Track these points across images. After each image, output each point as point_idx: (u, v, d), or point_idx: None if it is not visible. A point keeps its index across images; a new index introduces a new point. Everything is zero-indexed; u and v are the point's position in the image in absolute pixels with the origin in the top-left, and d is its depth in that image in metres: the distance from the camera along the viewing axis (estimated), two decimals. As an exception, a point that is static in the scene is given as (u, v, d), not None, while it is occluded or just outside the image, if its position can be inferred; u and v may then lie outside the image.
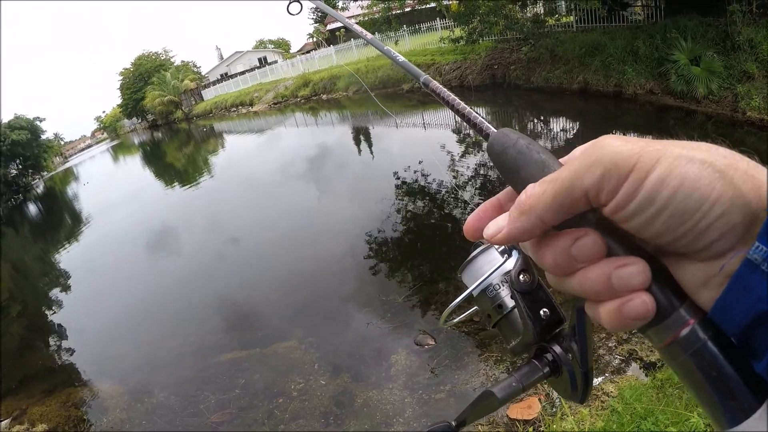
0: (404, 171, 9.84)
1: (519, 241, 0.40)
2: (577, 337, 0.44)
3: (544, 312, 0.46)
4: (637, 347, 3.51)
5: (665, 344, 0.33)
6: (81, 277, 10.66)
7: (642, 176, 0.31)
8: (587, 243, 0.34)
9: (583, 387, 0.45)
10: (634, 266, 0.33)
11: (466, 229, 0.44)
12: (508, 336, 0.51)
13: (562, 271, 0.36)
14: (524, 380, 0.47)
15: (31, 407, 5.37)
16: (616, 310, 0.33)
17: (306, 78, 29.82)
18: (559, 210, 0.35)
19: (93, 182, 30.26)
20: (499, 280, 0.51)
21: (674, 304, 0.33)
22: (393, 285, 5.72)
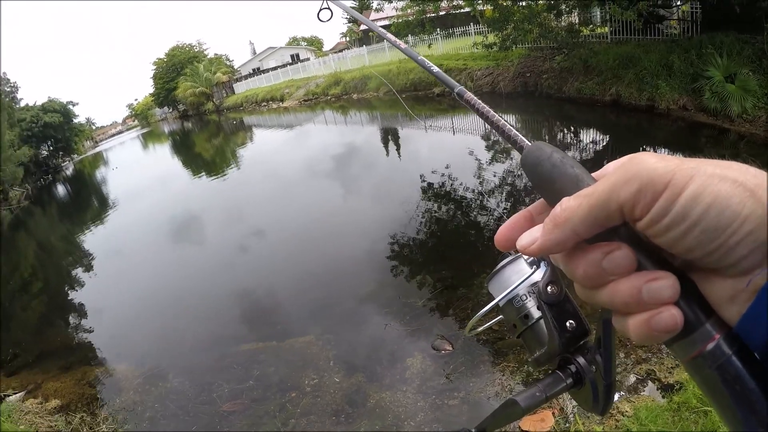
0: (431, 174, 9.81)
1: (552, 253, 0.40)
2: (602, 349, 0.45)
3: (570, 324, 0.47)
4: (656, 368, 3.44)
5: (690, 358, 0.34)
6: (104, 259, 10.85)
7: (676, 192, 0.32)
8: (619, 256, 0.36)
9: (604, 399, 0.46)
10: (664, 280, 0.34)
11: (497, 239, 0.46)
12: (532, 346, 0.51)
13: (592, 283, 0.37)
14: (548, 390, 0.47)
15: (46, 382, 5.47)
16: (645, 322, 0.34)
17: (337, 77, 29.95)
18: (593, 223, 0.36)
19: (122, 168, 30.83)
20: (526, 291, 0.51)
21: (701, 319, 0.34)
22: (413, 288, 5.69)
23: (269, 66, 52.41)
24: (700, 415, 2.72)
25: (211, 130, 37.95)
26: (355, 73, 28.39)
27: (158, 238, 11.18)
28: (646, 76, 10.98)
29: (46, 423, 4.55)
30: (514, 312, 0.52)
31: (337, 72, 31.13)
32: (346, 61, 32.40)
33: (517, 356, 3.99)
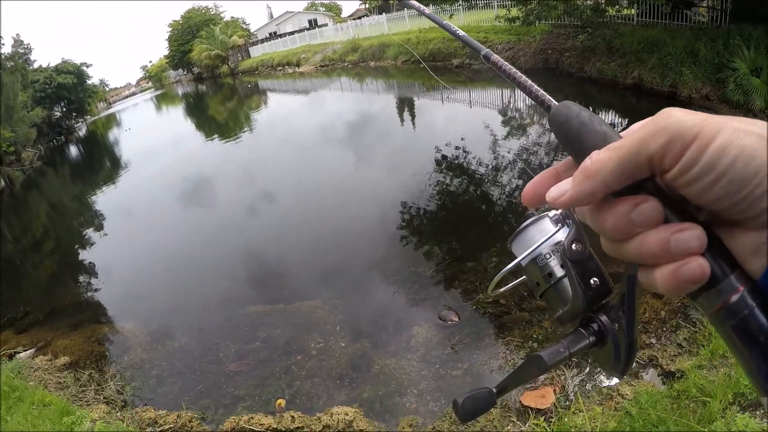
0: (445, 146, 9.73)
1: (581, 205, 0.41)
2: (625, 305, 0.45)
3: (594, 281, 0.47)
4: (659, 354, 3.43)
5: (715, 310, 0.35)
6: (115, 219, 10.97)
7: (705, 144, 0.33)
8: (647, 208, 0.36)
9: (626, 358, 0.47)
10: (691, 231, 0.35)
11: (525, 194, 0.47)
12: (555, 305, 0.51)
13: (621, 235, 0.38)
14: (571, 347, 0.48)
15: (55, 340, 5.56)
16: (672, 273, 0.35)
17: (355, 43, 29.60)
18: (623, 175, 0.37)
19: (134, 129, 30.87)
20: (549, 249, 0.51)
21: (726, 271, 0.35)
22: (422, 258, 5.70)
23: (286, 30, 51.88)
24: (699, 404, 2.72)
25: (226, 94, 37.83)
26: (374, 40, 28.02)
27: (169, 200, 11.25)
28: (670, 62, 10.71)
29: (55, 379, 4.64)
30: (537, 270, 0.52)
31: (355, 39, 30.75)
32: (365, 28, 31.96)
33: (522, 332, 4.00)
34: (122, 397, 4.24)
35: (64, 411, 3.80)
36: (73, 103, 41.22)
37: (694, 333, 3.52)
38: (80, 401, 4.21)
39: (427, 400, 3.59)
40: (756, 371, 0.34)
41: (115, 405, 4.13)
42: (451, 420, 3.25)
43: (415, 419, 3.38)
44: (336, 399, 3.76)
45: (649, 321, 3.78)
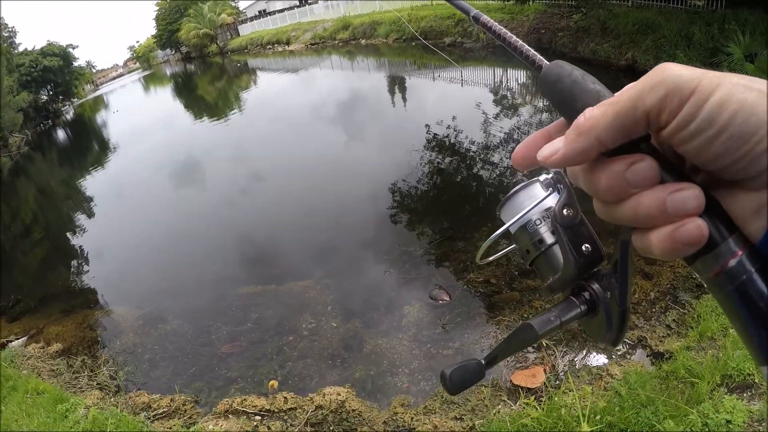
0: (436, 125, 9.68)
1: (574, 164, 0.39)
2: (618, 272, 0.44)
3: (586, 248, 0.46)
4: (648, 335, 3.46)
5: (713, 275, 0.34)
6: (105, 203, 10.92)
7: (703, 98, 0.31)
8: (643, 167, 0.35)
9: (618, 328, 0.46)
10: (689, 191, 0.33)
11: (514, 157, 0.45)
12: (545, 273, 0.50)
13: (615, 196, 0.37)
14: (562, 315, 0.47)
15: (47, 327, 5.55)
16: (669, 235, 0.34)
17: (346, 21, 29.23)
18: (618, 131, 0.35)
19: (123, 111, 30.57)
20: (539, 216, 0.50)
21: (724, 234, 0.33)
22: (413, 237, 5.70)
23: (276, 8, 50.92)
24: (687, 385, 2.75)
25: (215, 73, 37.43)
26: (365, 18, 27.68)
27: (159, 182, 11.17)
28: (664, 45, 10.66)
29: (48, 367, 4.64)
30: (527, 237, 0.51)
31: (346, 16, 30.35)
32: (356, 6, 31.50)
33: (513, 311, 4.03)
34: (115, 383, 4.25)
35: (58, 398, 3.80)
36: (60, 86, 40.62)
37: (683, 314, 3.55)
38: (74, 388, 4.21)
39: (418, 379, 3.62)
40: (755, 339, 0.33)
41: (108, 391, 4.14)
42: (442, 399, 3.28)
43: (407, 398, 3.41)
44: (328, 379, 3.78)
45: (639, 302, 3.81)
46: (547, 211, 0.50)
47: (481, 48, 17.33)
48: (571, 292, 0.48)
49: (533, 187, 0.51)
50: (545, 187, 0.50)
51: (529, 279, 4.35)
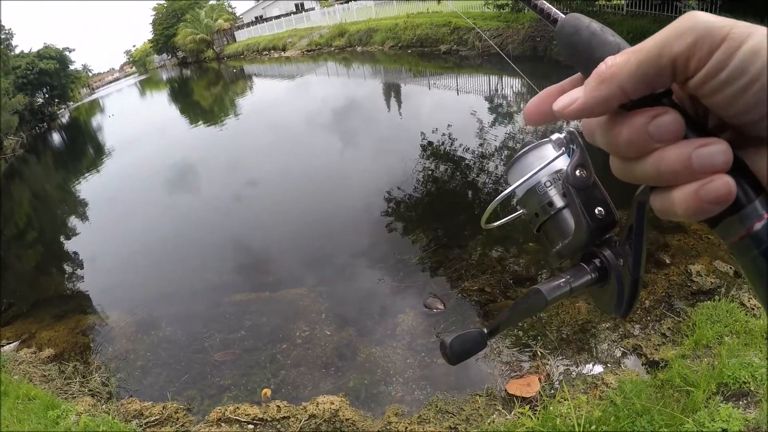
0: (431, 133, 9.69)
1: (593, 115, 0.36)
2: (633, 237, 0.42)
3: (599, 211, 0.44)
4: (643, 343, 3.45)
5: (737, 238, 0.32)
6: (99, 207, 10.87)
7: (735, 46, 0.29)
8: (667, 120, 0.33)
9: (629, 298, 0.44)
10: (716, 145, 0.31)
11: (527, 111, 0.42)
12: (554, 238, 0.48)
13: (636, 151, 0.34)
14: (572, 282, 0.45)
15: (40, 331, 5.50)
16: (693, 193, 0.31)
17: (342, 28, 29.36)
18: (642, 80, 0.33)
19: (118, 115, 30.54)
20: (549, 178, 0.48)
21: (750, 195, 0.31)
22: (407, 245, 5.68)
23: (272, 14, 51.15)
24: (683, 394, 2.74)
25: (211, 78, 37.46)
26: (361, 25, 27.80)
27: (154, 187, 11.13)
28: (659, 53, 10.80)
29: (40, 372, 4.59)
30: (535, 200, 0.49)
31: (342, 23, 30.50)
32: (352, 13, 31.67)
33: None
34: (107, 389, 4.20)
35: (50, 404, 3.76)
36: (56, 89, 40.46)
37: (678, 323, 3.55)
38: (65, 394, 4.17)
39: (412, 388, 3.60)
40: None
41: (100, 397, 4.10)
42: (436, 409, 3.26)
43: (401, 408, 3.38)
44: (322, 388, 3.75)
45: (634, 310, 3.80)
46: (558, 173, 0.48)
47: (476, 56, 17.41)
48: (581, 258, 0.46)
49: (543, 148, 0.49)
50: (557, 146, 0.48)
51: (524, 287, 4.35)
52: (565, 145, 0.47)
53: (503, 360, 3.64)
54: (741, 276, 3.87)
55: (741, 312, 3.34)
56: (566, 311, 3.93)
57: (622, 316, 0.46)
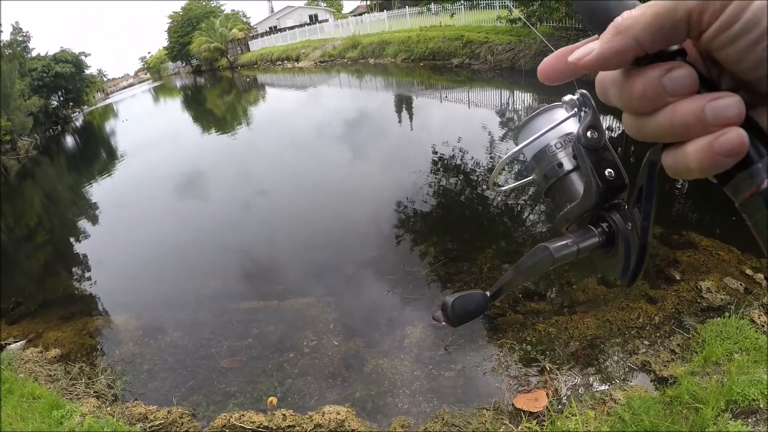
0: (442, 146, 9.71)
1: (608, 67, 0.36)
2: (643, 198, 0.41)
3: (609, 173, 0.44)
4: (652, 359, 3.42)
5: (748, 194, 0.31)
6: (110, 210, 10.94)
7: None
8: (681, 73, 0.33)
9: (635, 265, 0.43)
10: (729, 98, 0.31)
11: (541, 69, 0.42)
12: (561, 201, 0.48)
13: (649, 105, 0.34)
14: (580, 242, 0.45)
15: (47, 331, 5.53)
16: (707, 145, 0.31)
17: (355, 40, 29.57)
18: (657, 32, 0.33)
19: (131, 120, 30.83)
20: (559, 140, 0.48)
21: (761, 151, 0.31)
22: (417, 257, 5.68)
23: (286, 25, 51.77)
24: (692, 411, 2.71)
25: (224, 87, 37.74)
26: (374, 37, 27.99)
27: (164, 192, 11.21)
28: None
29: (45, 372, 4.61)
30: (545, 162, 0.49)
31: (356, 35, 30.72)
32: (365, 25, 31.96)
33: (516, 334, 4.00)
34: (113, 392, 4.22)
35: (54, 404, 3.77)
36: (71, 92, 41.10)
37: (688, 339, 3.52)
38: (70, 395, 4.18)
39: (419, 400, 3.58)
40: None
41: (105, 399, 4.11)
42: (443, 422, 3.24)
43: (408, 420, 3.37)
44: (328, 398, 3.74)
45: (643, 326, 3.78)
46: (568, 136, 0.48)
47: (488, 70, 17.46)
48: (589, 222, 0.46)
49: (554, 112, 0.49)
50: (569, 108, 0.47)
51: (534, 302, 4.33)
52: (577, 106, 0.47)
53: (511, 374, 3.62)
54: (751, 293, 3.84)
55: (751, 329, 3.31)
56: (575, 326, 3.91)
57: (627, 284, 0.46)
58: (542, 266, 0.45)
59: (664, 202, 5.88)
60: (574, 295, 4.32)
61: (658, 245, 4.75)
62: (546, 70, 0.42)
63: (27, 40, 34.35)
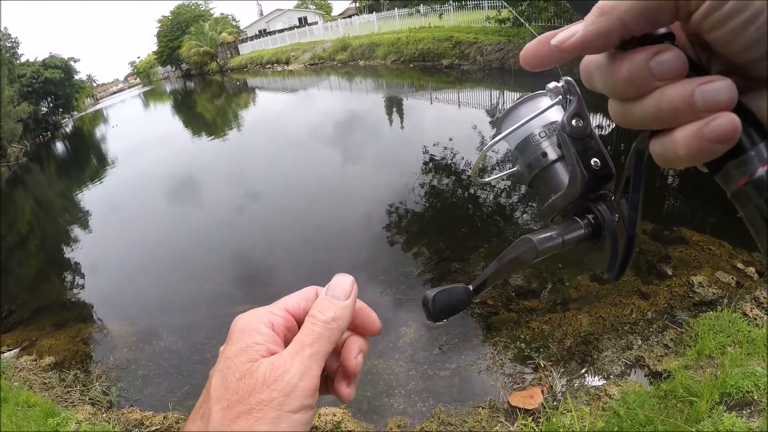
0: (433, 146, 9.73)
1: (592, 50, 0.34)
2: (630, 188, 0.40)
3: (595, 162, 0.43)
4: (645, 354, 3.45)
5: (742, 183, 0.30)
6: (101, 216, 10.89)
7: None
8: (669, 56, 0.31)
9: (623, 257, 0.42)
10: (720, 82, 0.29)
11: (523, 55, 0.40)
12: (546, 192, 0.47)
13: (636, 89, 0.32)
14: (565, 234, 0.43)
15: (40, 339, 5.50)
16: (697, 131, 0.29)
17: (345, 42, 29.58)
18: (643, 13, 0.31)
19: (122, 125, 30.71)
20: (543, 129, 0.47)
21: (754, 139, 0.30)
22: (409, 258, 5.69)
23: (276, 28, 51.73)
24: (686, 404, 2.74)
25: (214, 91, 37.65)
26: (363, 39, 28.01)
27: (156, 197, 11.15)
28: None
29: (40, 380, 4.58)
30: (529, 152, 0.47)
31: (345, 38, 30.73)
32: (355, 27, 31.98)
33: (510, 332, 4.01)
34: (108, 398, 4.20)
35: (49, 412, 3.75)
36: (60, 98, 40.88)
37: (681, 333, 3.55)
38: (65, 402, 4.16)
39: (415, 400, 3.58)
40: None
41: (100, 406, 4.09)
42: (439, 421, 3.25)
43: (403, 420, 3.37)
44: (323, 399, 3.69)
45: (636, 322, 3.80)
46: (553, 125, 0.47)
47: (477, 70, 17.51)
48: (574, 213, 0.45)
49: (538, 100, 0.47)
50: (554, 96, 0.46)
51: (527, 300, 4.35)
52: (562, 94, 0.45)
53: (506, 372, 3.63)
54: (743, 286, 3.88)
55: (743, 322, 3.34)
56: (568, 323, 3.93)
57: (614, 278, 0.44)
58: (526, 259, 0.44)
59: (655, 198, 5.92)
60: (567, 293, 4.34)
61: (650, 241, 4.79)
62: (528, 56, 0.39)
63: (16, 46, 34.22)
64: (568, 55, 0.36)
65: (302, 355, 0.44)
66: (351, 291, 0.51)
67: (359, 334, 0.53)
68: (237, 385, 0.42)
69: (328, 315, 0.47)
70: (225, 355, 0.45)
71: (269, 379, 0.42)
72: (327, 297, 0.50)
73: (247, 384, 0.42)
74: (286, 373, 0.42)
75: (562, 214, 0.46)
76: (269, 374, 0.42)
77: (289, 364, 0.43)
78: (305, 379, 0.43)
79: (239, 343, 0.46)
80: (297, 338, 0.46)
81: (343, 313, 0.48)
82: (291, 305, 0.51)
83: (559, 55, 0.36)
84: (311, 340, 0.45)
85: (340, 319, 0.47)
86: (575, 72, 0.41)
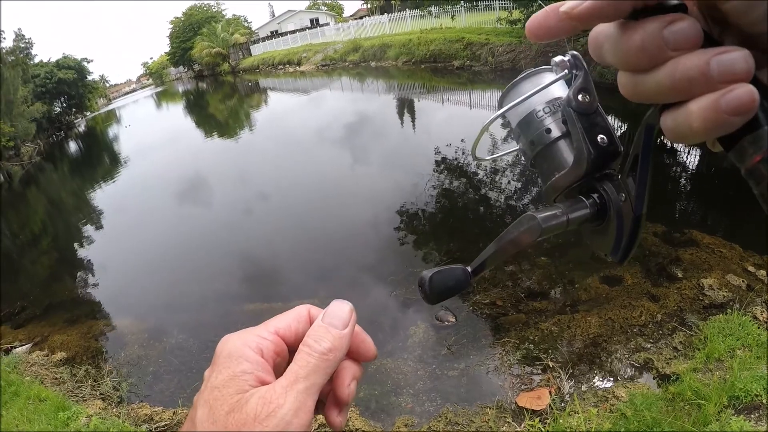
0: (445, 147, 9.72)
1: (603, 18, 0.32)
2: (639, 165, 0.38)
3: (602, 138, 0.41)
4: (654, 357, 3.43)
5: (757, 159, 0.29)
6: (113, 215, 10.98)
7: None
8: (684, 25, 0.30)
9: (628, 240, 0.40)
10: (737, 52, 0.28)
11: (529, 26, 0.37)
12: (549, 170, 0.45)
13: (648, 60, 0.31)
14: (570, 212, 0.42)
15: (52, 335, 5.56)
16: (713, 102, 0.28)
17: (356, 43, 29.64)
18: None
19: (134, 125, 30.94)
20: (546, 105, 0.45)
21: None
22: (419, 258, 5.70)
23: (287, 29, 51.89)
24: (694, 407, 2.72)
25: (226, 91, 37.83)
26: (375, 40, 28.05)
27: (167, 196, 11.25)
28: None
29: (51, 375, 4.64)
30: (532, 128, 0.45)
31: (357, 39, 30.79)
32: (366, 29, 32.01)
33: (519, 333, 4.01)
34: (118, 394, 4.24)
35: (60, 406, 3.80)
36: (74, 98, 41.33)
37: (690, 336, 3.53)
38: (76, 397, 4.21)
39: (423, 400, 3.59)
40: None
41: (111, 401, 4.14)
42: (446, 420, 3.25)
43: (411, 419, 3.38)
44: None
45: (645, 324, 3.79)
46: (557, 101, 0.45)
47: (489, 71, 17.47)
48: (579, 192, 0.43)
49: (542, 75, 0.46)
50: (559, 70, 0.43)
51: (536, 301, 4.34)
52: (567, 68, 0.43)
53: (514, 373, 3.63)
54: (754, 289, 3.85)
55: (753, 325, 3.32)
56: (577, 325, 3.92)
57: (619, 261, 0.42)
58: (529, 237, 0.42)
59: (666, 200, 5.89)
60: (577, 294, 4.33)
61: (660, 243, 4.76)
62: (534, 27, 0.37)
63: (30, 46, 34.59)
64: (577, 23, 0.34)
65: (296, 389, 0.41)
66: (349, 319, 0.48)
67: (353, 359, 0.50)
68: (226, 420, 0.39)
69: (324, 345, 0.44)
70: (211, 384, 0.42)
71: (261, 415, 0.39)
72: (324, 325, 0.46)
73: (237, 419, 0.39)
74: (280, 409, 0.39)
75: (566, 193, 0.44)
76: (261, 409, 0.39)
77: (282, 398, 0.40)
78: (300, 414, 0.40)
79: (226, 371, 0.43)
80: (291, 369, 0.42)
81: (340, 344, 0.45)
82: (282, 327, 0.48)
83: (568, 23, 0.34)
84: (306, 372, 0.42)
85: (337, 350, 0.45)
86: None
